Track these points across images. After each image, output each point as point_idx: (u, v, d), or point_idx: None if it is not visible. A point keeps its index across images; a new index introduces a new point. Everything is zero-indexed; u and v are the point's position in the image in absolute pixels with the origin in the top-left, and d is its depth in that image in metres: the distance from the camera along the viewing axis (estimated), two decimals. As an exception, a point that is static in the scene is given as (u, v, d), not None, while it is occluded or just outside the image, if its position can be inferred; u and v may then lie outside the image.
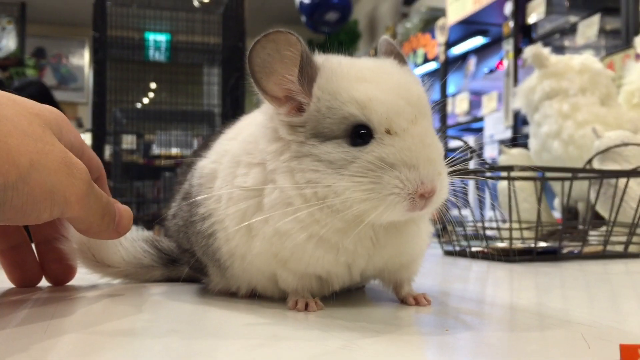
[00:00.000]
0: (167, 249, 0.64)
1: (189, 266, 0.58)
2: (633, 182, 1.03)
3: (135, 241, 0.64)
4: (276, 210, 0.45)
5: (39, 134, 0.42)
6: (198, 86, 3.27)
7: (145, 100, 3.31)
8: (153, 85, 3.31)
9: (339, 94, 0.44)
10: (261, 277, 0.50)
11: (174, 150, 3.19)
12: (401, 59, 0.51)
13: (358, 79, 0.45)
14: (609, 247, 0.99)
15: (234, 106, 2.75)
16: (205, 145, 0.58)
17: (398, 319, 0.46)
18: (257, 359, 0.33)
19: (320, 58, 0.47)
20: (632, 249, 0.99)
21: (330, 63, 0.46)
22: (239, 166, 0.49)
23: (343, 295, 0.53)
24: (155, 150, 3.32)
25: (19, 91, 0.51)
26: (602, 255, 0.97)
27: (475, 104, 3.95)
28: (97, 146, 2.58)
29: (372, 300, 0.54)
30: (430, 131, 0.45)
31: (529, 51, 1.35)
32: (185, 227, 0.55)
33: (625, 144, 1.07)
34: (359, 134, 0.43)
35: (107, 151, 2.78)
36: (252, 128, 0.51)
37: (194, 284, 0.61)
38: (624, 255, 0.98)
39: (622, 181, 0.99)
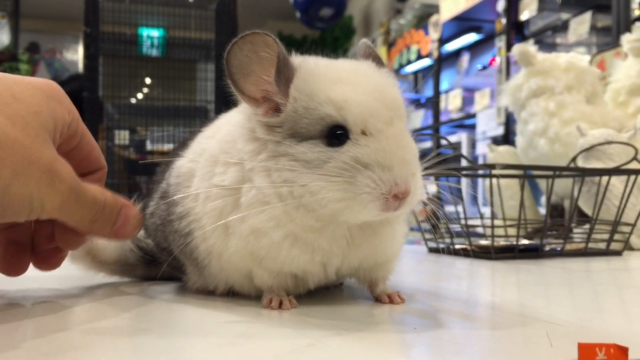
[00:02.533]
0: (148, 248, 0.64)
1: (167, 265, 0.59)
2: (616, 180, 1.04)
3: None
4: (253, 208, 0.46)
5: (30, 140, 0.42)
6: (192, 82, 3.27)
7: (139, 96, 3.30)
8: (147, 81, 3.30)
9: (315, 94, 0.45)
10: (238, 276, 0.51)
11: (168, 146, 3.19)
12: (379, 62, 0.52)
13: (335, 80, 0.45)
14: (592, 245, 1.00)
15: (227, 102, 2.75)
16: (183, 144, 0.58)
17: (371, 317, 0.46)
18: (223, 357, 0.33)
19: (297, 59, 0.48)
20: (614, 246, 1.00)
21: (307, 64, 0.47)
22: (217, 165, 0.49)
23: (319, 293, 0.53)
24: (149, 146, 3.32)
25: (63, 85, 0.50)
26: (584, 253, 0.98)
27: (468, 100, 3.96)
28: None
29: (348, 299, 0.54)
30: (405, 133, 0.46)
31: (516, 49, 1.36)
32: (163, 225, 0.55)
33: (609, 142, 1.08)
34: (335, 134, 0.44)
35: (101, 146, 2.77)
36: (230, 127, 0.51)
37: (173, 283, 0.62)
38: (606, 252, 0.99)
39: (605, 179, 1.00)
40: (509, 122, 3.22)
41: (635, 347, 0.34)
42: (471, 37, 4.21)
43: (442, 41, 4.29)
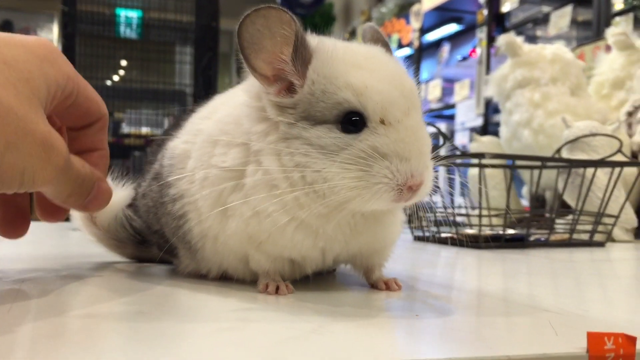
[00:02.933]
0: (139, 228, 0.63)
1: (158, 247, 0.58)
2: (600, 172, 1.04)
3: (123, 211, 0.63)
4: (258, 191, 0.44)
5: (24, 110, 0.40)
6: (170, 65, 3.22)
7: (116, 78, 3.25)
8: (124, 63, 3.24)
9: (335, 78, 0.43)
10: (233, 259, 0.50)
11: (144, 130, 3.14)
12: (388, 48, 0.51)
13: (354, 64, 0.44)
14: (575, 236, 1.00)
15: (206, 86, 2.72)
16: (176, 124, 0.57)
17: (368, 303, 0.46)
18: (227, 342, 0.32)
19: (314, 39, 0.46)
20: (597, 237, 1.01)
21: (324, 45, 0.45)
22: (217, 146, 0.48)
23: (314, 279, 0.53)
24: (125, 129, 3.27)
25: None
26: (568, 244, 0.98)
27: (447, 90, 3.97)
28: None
29: (342, 285, 0.54)
30: (421, 124, 0.45)
31: (502, 39, 1.36)
32: (155, 208, 0.54)
33: (594, 134, 1.09)
34: (351, 120, 0.43)
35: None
36: (229, 108, 0.50)
37: (164, 266, 0.60)
38: (590, 243, 1.00)
39: (589, 171, 1.01)
40: (488, 113, 3.24)
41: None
42: (452, 28, 4.22)
43: (423, 31, 4.29)
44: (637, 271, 0.81)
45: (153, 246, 0.60)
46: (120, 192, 0.61)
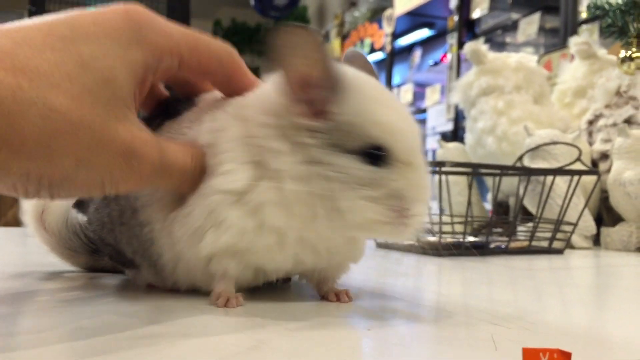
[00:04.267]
0: (92, 238, 0.61)
1: (110, 259, 0.56)
2: (560, 179, 1.06)
3: (74, 219, 0.62)
4: (270, 209, 0.44)
5: (100, 119, 0.37)
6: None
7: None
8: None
9: (364, 112, 0.43)
10: (205, 274, 0.48)
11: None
12: (376, 76, 0.50)
13: (378, 101, 0.44)
14: (535, 243, 1.02)
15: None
16: None
17: (318, 316, 0.45)
18: (167, 356, 0.32)
19: (337, 66, 0.44)
20: (556, 245, 1.02)
21: (349, 75, 0.44)
22: (223, 164, 0.44)
23: (264, 289, 0.52)
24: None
25: None
26: (527, 251, 0.99)
27: (419, 95, 4.00)
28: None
29: (295, 295, 0.53)
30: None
31: (468, 47, 1.38)
32: (112, 224, 0.51)
33: (555, 143, 1.10)
34: (373, 154, 0.43)
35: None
36: (235, 124, 0.46)
37: (117, 276, 0.60)
38: (548, 251, 1.01)
39: (549, 178, 1.02)
40: (458, 118, 3.27)
41: (574, 350, 0.35)
42: (424, 33, 4.25)
43: (395, 35, 4.32)
44: (594, 279, 0.82)
45: (105, 256, 0.59)
46: None
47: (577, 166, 1.03)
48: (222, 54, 0.47)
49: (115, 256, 0.54)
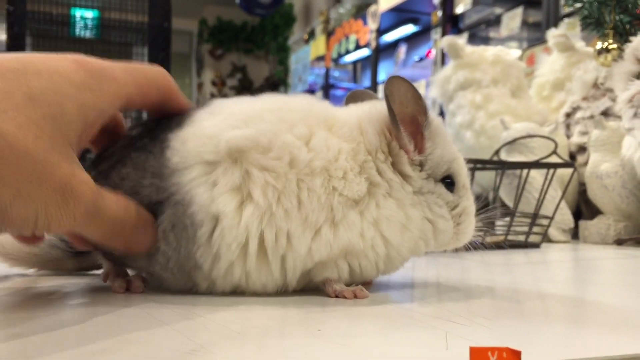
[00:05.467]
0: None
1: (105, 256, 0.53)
2: (536, 173, 1.05)
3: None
4: (389, 223, 0.50)
5: (43, 153, 0.37)
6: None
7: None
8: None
9: (443, 147, 0.52)
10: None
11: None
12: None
13: (448, 137, 0.54)
14: (511, 237, 1.00)
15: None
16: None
17: (272, 320, 0.44)
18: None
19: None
20: (532, 238, 1.01)
21: (433, 117, 0.52)
22: (338, 171, 0.49)
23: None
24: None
25: None
26: (504, 245, 0.98)
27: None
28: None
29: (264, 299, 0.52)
30: None
31: (445, 41, 1.36)
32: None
33: (531, 136, 1.09)
34: (446, 182, 0.52)
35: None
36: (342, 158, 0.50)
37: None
38: (525, 245, 1.00)
39: (525, 172, 1.01)
40: (442, 113, 3.27)
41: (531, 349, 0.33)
42: (409, 29, 4.25)
43: (380, 32, 4.31)
44: (571, 273, 0.81)
45: (93, 254, 0.56)
46: None
47: (554, 159, 1.02)
48: (158, 80, 0.49)
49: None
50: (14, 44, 2.66)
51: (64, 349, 0.34)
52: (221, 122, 0.48)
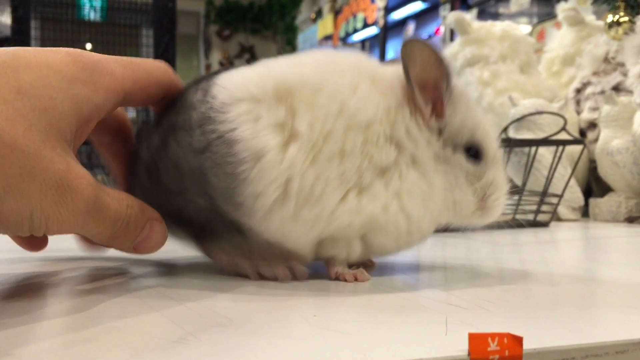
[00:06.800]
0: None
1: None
2: (545, 150, 1.03)
3: None
4: (412, 195, 0.47)
5: (34, 146, 0.35)
6: (135, 48, 3.13)
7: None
8: (88, 47, 3.14)
9: (470, 115, 0.49)
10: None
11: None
12: None
13: (475, 105, 0.51)
14: (519, 216, 0.99)
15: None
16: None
17: (264, 306, 0.42)
18: (72, 356, 0.29)
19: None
20: (541, 217, 0.99)
21: (456, 83, 0.50)
22: (368, 132, 0.46)
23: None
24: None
25: None
26: (512, 224, 0.96)
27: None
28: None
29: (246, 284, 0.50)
30: None
31: (451, 17, 1.33)
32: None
33: (540, 113, 1.07)
34: (470, 152, 0.49)
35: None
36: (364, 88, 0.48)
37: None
38: (534, 224, 0.98)
39: (534, 149, 0.99)
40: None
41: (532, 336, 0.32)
42: (417, 6, 4.19)
43: (388, 10, 4.26)
44: (580, 252, 0.79)
45: None
46: None
47: (563, 136, 0.99)
48: (159, 75, 0.47)
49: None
50: (19, 28, 2.65)
51: (46, 338, 0.33)
52: (271, 65, 0.48)
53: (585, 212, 1.15)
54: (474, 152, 0.49)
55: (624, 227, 1.01)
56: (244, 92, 0.46)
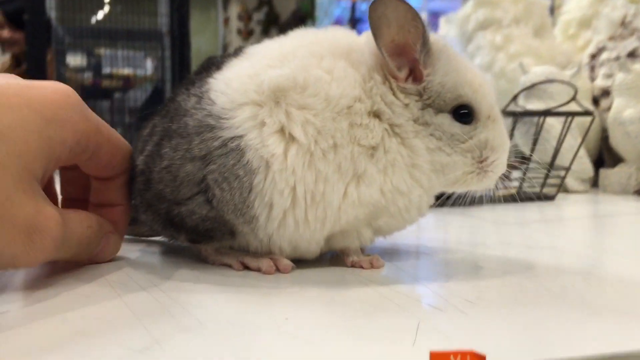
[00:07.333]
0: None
1: (164, 224, 0.50)
2: (555, 121, 1.00)
3: None
4: (398, 168, 0.47)
5: (5, 193, 0.38)
6: (152, 3, 3.09)
7: (100, 16, 3.12)
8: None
9: (454, 73, 0.47)
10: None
11: (128, 70, 3.06)
12: None
13: (461, 62, 0.48)
14: (527, 188, 0.97)
15: (180, 25, 2.63)
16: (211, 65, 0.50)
17: (236, 309, 0.42)
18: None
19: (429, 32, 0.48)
20: (547, 190, 0.97)
21: (437, 41, 0.48)
22: (351, 115, 0.46)
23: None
24: (107, 69, 3.17)
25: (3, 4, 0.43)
26: (516, 198, 0.95)
27: (432, 26, 3.86)
28: (36, 69, 2.44)
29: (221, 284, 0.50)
30: None
31: (464, -23, 1.29)
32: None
33: (550, 81, 1.04)
34: (461, 112, 0.47)
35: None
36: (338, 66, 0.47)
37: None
38: (539, 197, 0.96)
39: (542, 119, 0.96)
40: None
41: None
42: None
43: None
44: (587, 236, 0.75)
45: (142, 222, 0.52)
46: None
47: (573, 106, 0.96)
48: (126, 151, 0.50)
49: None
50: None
51: (5, 344, 0.33)
52: (257, 62, 0.48)
53: (595, 182, 1.12)
54: (463, 112, 0.47)
55: (633, 202, 0.98)
56: (245, 97, 0.46)
